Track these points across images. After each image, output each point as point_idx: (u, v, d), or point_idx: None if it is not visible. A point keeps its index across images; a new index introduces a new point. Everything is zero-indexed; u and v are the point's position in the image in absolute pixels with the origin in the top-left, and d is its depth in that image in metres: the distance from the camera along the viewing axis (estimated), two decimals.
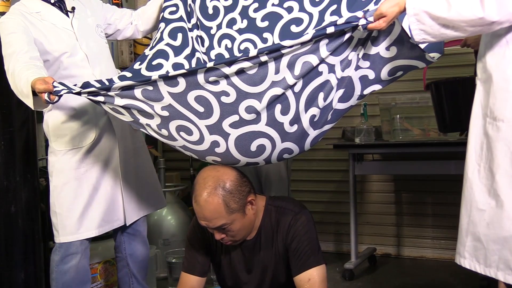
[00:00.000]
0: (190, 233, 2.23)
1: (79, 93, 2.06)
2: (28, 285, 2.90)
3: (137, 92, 1.97)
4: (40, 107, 2.27)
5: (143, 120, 2.05)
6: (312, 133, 2.03)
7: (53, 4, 2.63)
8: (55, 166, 2.62)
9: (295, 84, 1.91)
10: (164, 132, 2.04)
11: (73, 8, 2.67)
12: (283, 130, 1.98)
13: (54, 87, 2.05)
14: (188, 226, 3.78)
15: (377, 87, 2.09)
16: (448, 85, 2.80)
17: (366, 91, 2.08)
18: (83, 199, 2.59)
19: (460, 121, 2.75)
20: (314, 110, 1.98)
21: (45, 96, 2.08)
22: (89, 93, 2.04)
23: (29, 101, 2.22)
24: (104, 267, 3.32)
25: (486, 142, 1.77)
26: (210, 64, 1.86)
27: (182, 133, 2.01)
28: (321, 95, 1.97)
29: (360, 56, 1.99)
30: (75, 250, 2.58)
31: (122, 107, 2.03)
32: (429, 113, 3.84)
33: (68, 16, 2.64)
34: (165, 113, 1.98)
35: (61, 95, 2.07)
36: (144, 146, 2.87)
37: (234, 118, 1.94)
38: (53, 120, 2.62)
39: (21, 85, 2.24)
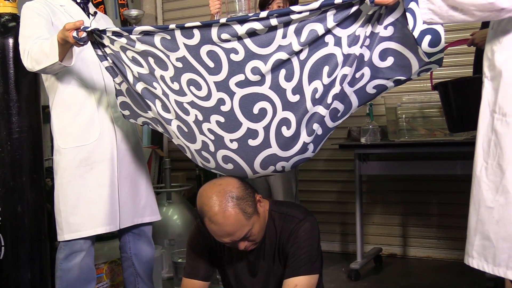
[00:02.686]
0: (191, 239, 2.23)
1: (104, 31, 2.23)
2: (34, 285, 2.90)
3: (157, 39, 2.11)
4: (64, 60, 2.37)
5: (158, 71, 2.18)
6: (312, 109, 2.04)
7: (78, 4, 2.69)
8: (59, 164, 2.64)
9: (300, 51, 1.97)
10: (175, 85, 2.16)
11: (95, 13, 2.75)
12: (285, 97, 2.04)
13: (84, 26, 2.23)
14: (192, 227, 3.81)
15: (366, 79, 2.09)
16: (456, 84, 2.79)
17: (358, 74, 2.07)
18: (87, 196, 2.60)
19: (469, 121, 2.75)
20: (317, 83, 2.01)
21: (74, 33, 2.21)
22: (114, 33, 2.21)
23: (53, 55, 2.33)
24: (110, 267, 3.33)
25: (494, 139, 1.76)
26: (223, 20, 1.97)
27: (191, 87, 2.12)
28: (325, 69, 1.99)
29: (367, 34, 1.99)
30: (79, 248, 2.60)
31: (142, 53, 2.18)
32: (434, 113, 3.84)
33: (89, 17, 2.70)
34: (179, 64, 2.11)
35: (88, 32, 2.23)
36: (142, 156, 2.88)
37: (240, 77, 2.03)
38: (57, 117, 2.64)
39: (42, 49, 2.38)
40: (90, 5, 2.78)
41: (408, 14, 1.96)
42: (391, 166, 4.04)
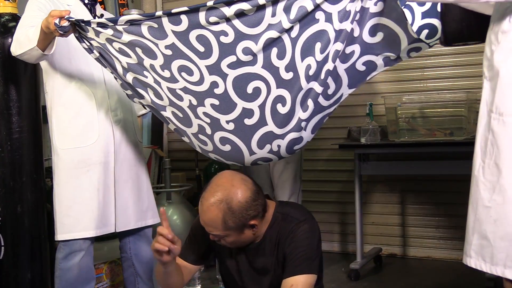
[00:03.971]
0: (194, 225, 2.23)
1: (89, 22, 2.19)
2: (34, 285, 2.90)
3: (144, 29, 2.09)
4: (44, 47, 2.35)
5: (147, 61, 2.17)
6: (307, 86, 2.06)
7: (85, 4, 2.68)
8: (57, 165, 2.65)
9: (291, 28, 1.98)
10: (166, 73, 2.15)
11: (102, 15, 2.73)
12: (279, 75, 2.05)
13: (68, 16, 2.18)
14: None
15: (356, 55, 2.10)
16: None
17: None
18: (81, 198, 2.61)
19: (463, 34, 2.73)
20: (310, 60, 2.03)
21: (56, 20, 2.17)
22: (99, 24, 2.18)
23: (34, 40, 2.31)
24: (110, 267, 3.33)
25: (491, 138, 1.76)
26: (210, 3, 1.96)
27: (183, 74, 2.12)
28: (318, 46, 2.01)
29: (357, 9, 2.00)
30: (78, 247, 2.60)
31: (129, 44, 2.15)
32: (434, 113, 3.84)
33: (95, 19, 2.68)
34: (169, 52, 2.10)
35: (71, 22, 2.18)
36: (143, 159, 2.88)
37: (232, 58, 2.03)
38: (56, 117, 2.65)
39: (27, 33, 2.37)
40: (98, 7, 2.77)
41: (406, 10, 1.97)
42: (391, 166, 4.04)
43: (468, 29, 2.79)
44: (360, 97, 4.40)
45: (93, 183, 2.62)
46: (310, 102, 2.09)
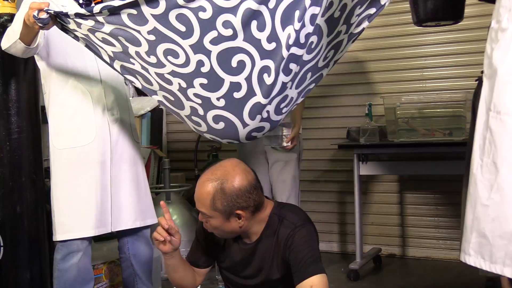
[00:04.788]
0: (198, 229, 2.25)
1: (66, 15, 2.19)
2: (33, 285, 2.90)
3: (124, 17, 2.09)
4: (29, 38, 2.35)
5: (132, 49, 2.18)
6: (287, 54, 2.09)
7: (80, 4, 2.67)
8: (54, 164, 2.65)
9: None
10: (152, 59, 2.17)
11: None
12: (261, 47, 2.08)
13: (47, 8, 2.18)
14: (192, 227, 3.80)
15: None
16: None
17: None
18: (78, 198, 2.61)
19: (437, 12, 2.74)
20: (290, 29, 2.06)
21: (35, 12, 2.17)
22: (77, 15, 2.17)
23: (17, 33, 2.33)
24: (109, 267, 3.33)
25: (489, 137, 1.77)
26: None
27: (169, 57, 2.14)
28: (296, 14, 2.05)
29: None
30: (76, 248, 2.60)
31: (111, 34, 2.16)
32: (434, 114, 3.84)
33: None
34: (152, 37, 2.11)
35: (50, 13, 2.18)
36: (140, 159, 2.88)
37: (213, 34, 2.06)
38: (53, 117, 2.66)
39: (13, 27, 2.39)
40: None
41: None
42: (390, 167, 4.04)
43: (443, 8, 2.80)
44: (359, 98, 4.41)
45: (91, 183, 2.63)
46: (292, 65, 2.15)
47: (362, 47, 4.43)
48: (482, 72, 1.90)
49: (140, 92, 5.08)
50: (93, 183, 2.63)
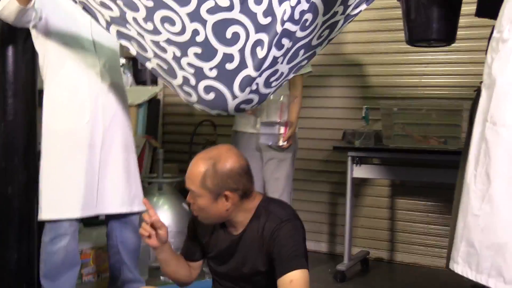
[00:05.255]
0: (189, 222, 2.27)
1: None
2: (20, 265, 2.90)
3: None
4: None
5: (129, 14, 2.20)
6: (281, 29, 2.10)
7: None
8: (46, 144, 2.68)
9: None
10: (149, 26, 2.18)
11: None
12: (257, 21, 2.09)
13: None
14: (184, 218, 3.81)
15: None
16: None
17: None
18: (67, 179, 2.63)
19: (430, 34, 2.76)
20: (286, 5, 2.08)
21: None
22: None
23: None
24: (97, 253, 3.33)
25: (484, 147, 1.78)
26: None
27: (166, 24, 2.16)
28: None
29: None
30: (64, 231, 2.61)
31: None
32: (430, 121, 3.85)
33: None
34: (150, 3, 2.13)
35: None
36: (132, 146, 2.90)
37: (210, 3, 2.08)
38: (48, 98, 2.69)
39: None
40: None
41: None
42: (384, 171, 4.04)
43: (437, 28, 2.81)
44: (356, 100, 4.42)
45: (79, 165, 2.65)
46: (285, 41, 2.16)
47: (363, 50, 4.44)
48: (481, 82, 1.91)
49: (138, 81, 5.09)
50: (82, 165, 2.65)
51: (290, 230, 1.98)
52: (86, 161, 2.65)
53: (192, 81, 2.26)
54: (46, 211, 2.63)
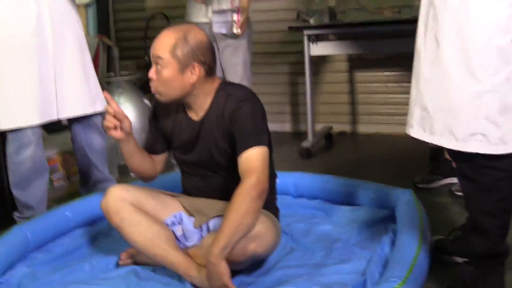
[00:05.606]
0: (150, 115, 2.30)
1: None
2: None
3: None
4: None
5: None
6: None
7: None
8: None
9: None
10: None
11: None
12: None
13: None
14: (145, 114, 3.83)
15: None
16: None
17: None
18: (22, 86, 2.58)
19: None
20: None
21: None
22: None
23: None
24: (64, 157, 3.36)
25: (432, 12, 1.80)
26: None
27: None
28: None
29: None
30: (27, 140, 2.61)
31: None
32: None
33: None
34: None
35: None
36: (85, 46, 2.84)
37: None
38: None
39: None
40: None
41: None
42: (341, 46, 4.05)
43: None
44: None
45: (33, 70, 2.59)
46: None
47: None
48: None
49: None
50: (35, 71, 2.59)
51: (249, 109, 2.03)
52: (38, 66, 2.60)
53: None
54: (5, 121, 2.60)
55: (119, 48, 4.27)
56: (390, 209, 2.50)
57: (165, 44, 2.01)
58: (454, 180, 2.94)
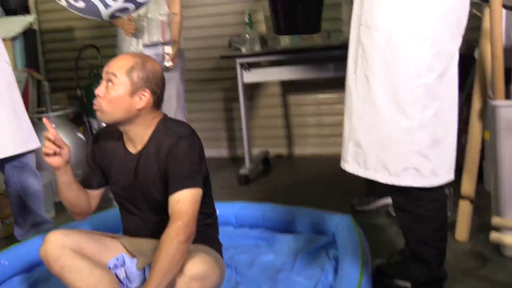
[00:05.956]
0: (88, 152, 2.26)
1: None
2: None
3: None
4: None
5: None
6: None
7: None
8: None
9: None
10: None
11: None
12: None
13: None
14: (81, 148, 3.76)
15: None
16: None
17: None
18: None
19: (296, 26, 2.93)
20: None
21: None
22: None
23: None
24: None
25: (361, 51, 1.86)
26: None
27: None
28: None
29: None
30: None
31: None
32: None
33: None
34: None
35: None
36: (14, 82, 2.78)
37: None
38: None
39: None
40: None
41: None
42: (273, 72, 4.09)
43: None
44: (237, 6, 4.41)
45: None
46: None
47: None
48: None
49: (6, 10, 4.74)
50: None
51: (187, 147, 2.02)
52: None
53: None
54: None
55: (48, 80, 4.19)
56: (330, 235, 2.56)
57: (122, 64, 2.01)
58: (390, 200, 3.03)
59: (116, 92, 2.00)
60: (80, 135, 4.00)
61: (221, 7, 4.54)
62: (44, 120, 2.11)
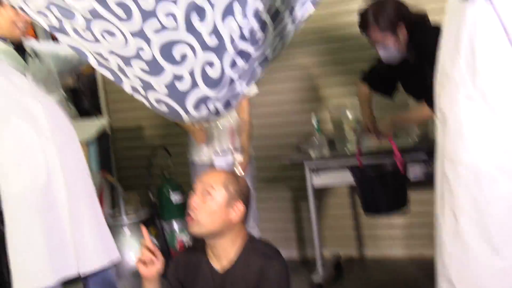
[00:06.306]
0: (170, 269, 2.24)
1: None
2: None
3: None
4: None
5: (66, 21, 2.05)
6: (231, 48, 2.08)
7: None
8: (5, 210, 2.56)
9: None
10: (87, 35, 2.06)
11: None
12: (203, 40, 2.04)
13: None
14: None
15: None
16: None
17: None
18: (37, 244, 2.52)
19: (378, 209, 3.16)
20: (232, 23, 2.04)
21: None
22: None
23: None
24: None
25: (446, 186, 1.82)
26: None
27: (105, 35, 2.04)
28: (236, 7, 2.02)
29: None
30: None
31: (46, 7, 2.05)
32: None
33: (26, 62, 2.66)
34: (88, 16, 2.01)
35: None
36: (94, 189, 2.83)
37: (155, 23, 1.99)
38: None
39: None
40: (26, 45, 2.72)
41: None
42: (343, 176, 4.02)
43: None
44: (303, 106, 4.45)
45: (47, 225, 2.53)
46: (239, 60, 2.12)
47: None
48: None
49: (79, 109, 4.89)
50: (51, 225, 2.54)
51: (279, 272, 2.04)
52: (54, 221, 2.55)
53: (142, 91, 2.20)
54: (18, 283, 2.52)
55: (119, 178, 4.25)
56: None
57: (218, 176, 2.11)
58: None
59: (215, 203, 2.06)
60: (155, 241, 4.03)
61: (288, 105, 4.58)
62: (142, 228, 2.16)
